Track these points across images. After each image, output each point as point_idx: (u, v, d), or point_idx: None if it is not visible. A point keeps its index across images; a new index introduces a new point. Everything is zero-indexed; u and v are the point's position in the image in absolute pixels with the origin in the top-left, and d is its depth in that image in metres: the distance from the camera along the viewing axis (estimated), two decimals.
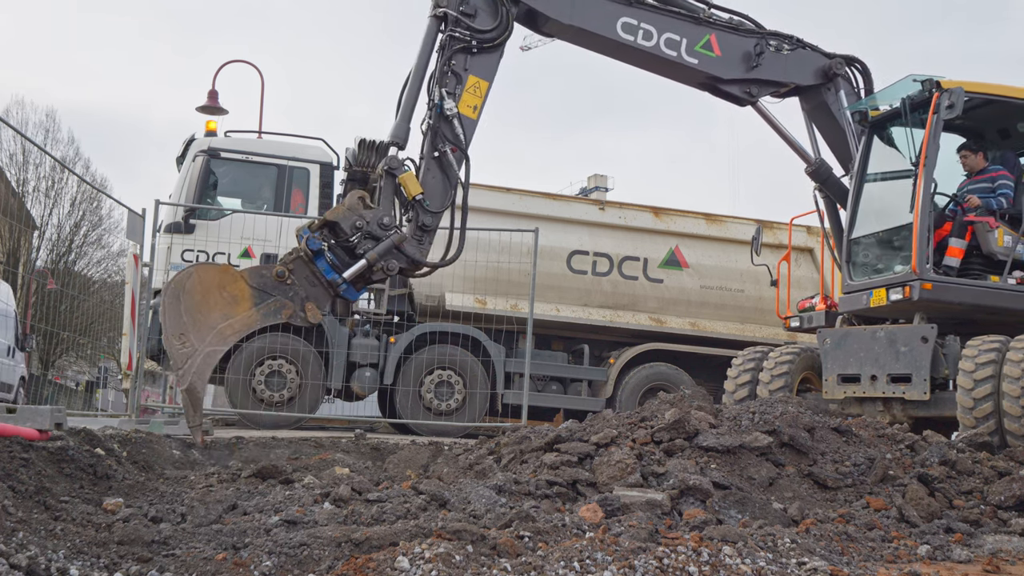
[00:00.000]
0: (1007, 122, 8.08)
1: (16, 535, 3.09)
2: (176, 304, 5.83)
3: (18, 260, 25.02)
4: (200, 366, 5.81)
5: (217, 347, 5.93)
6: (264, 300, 6.11)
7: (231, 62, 17.05)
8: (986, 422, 6.60)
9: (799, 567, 3.21)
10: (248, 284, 6.09)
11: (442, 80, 6.81)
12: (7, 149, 27.43)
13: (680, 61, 7.73)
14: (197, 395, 5.86)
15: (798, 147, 8.60)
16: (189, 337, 5.81)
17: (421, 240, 6.71)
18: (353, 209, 6.35)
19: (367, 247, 6.32)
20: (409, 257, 6.54)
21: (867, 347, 7.56)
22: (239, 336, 6.15)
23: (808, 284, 11.27)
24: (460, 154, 6.79)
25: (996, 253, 7.43)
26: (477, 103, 6.92)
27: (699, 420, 5.12)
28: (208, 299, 5.93)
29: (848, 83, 8.31)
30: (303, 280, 6.23)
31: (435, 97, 6.76)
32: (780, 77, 8.13)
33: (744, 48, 7.96)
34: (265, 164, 10.92)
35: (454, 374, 10.74)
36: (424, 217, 6.67)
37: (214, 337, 5.91)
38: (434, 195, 6.75)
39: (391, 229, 6.40)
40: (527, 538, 3.37)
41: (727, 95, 8.16)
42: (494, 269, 10.80)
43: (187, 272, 6.03)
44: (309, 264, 6.25)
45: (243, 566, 3.06)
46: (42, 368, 27.89)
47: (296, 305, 6.19)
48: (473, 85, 6.92)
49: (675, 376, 11.45)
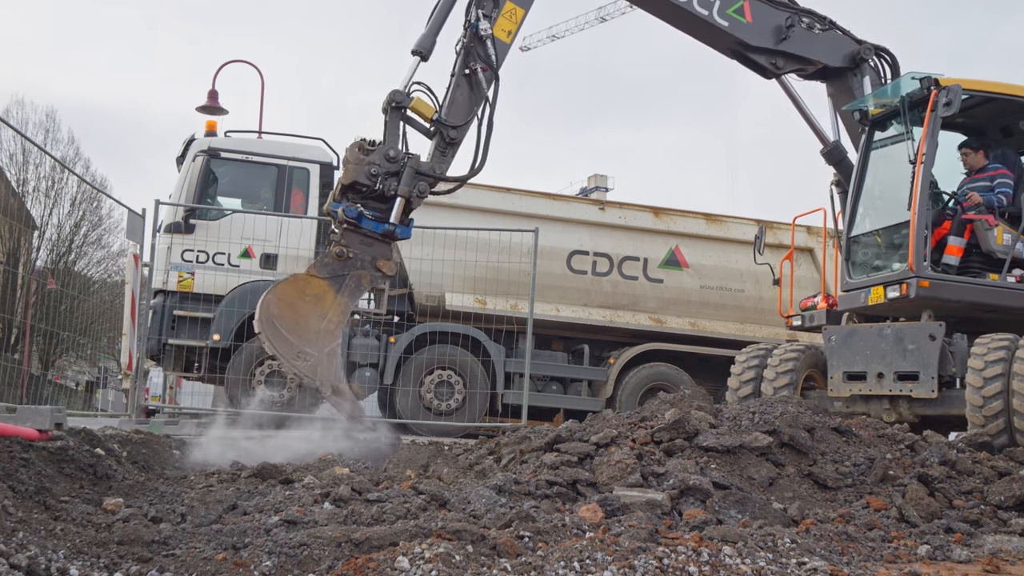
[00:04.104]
0: (1009, 120, 8.07)
1: (16, 535, 3.09)
2: (276, 332, 6.14)
3: (18, 260, 25.02)
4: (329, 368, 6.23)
5: (332, 344, 6.32)
6: (342, 283, 6.42)
7: (231, 62, 17.07)
8: (995, 420, 6.61)
9: (799, 567, 3.21)
10: (320, 278, 6.39)
11: (480, 2, 6.99)
12: (7, 149, 27.45)
13: (710, 20, 7.83)
14: (342, 391, 6.30)
15: (817, 127, 8.65)
16: (306, 351, 6.17)
17: (444, 153, 6.89)
18: (359, 162, 6.52)
19: (393, 185, 6.54)
20: (428, 174, 6.71)
21: (874, 345, 7.55)
22: (343, 324, 6.51)
23: (808, 284, 11.27)
24: (490, 73, 6.96)
25: (995, 251, 7.43)
26: (512, 28, 7.13)
27: (699, 420, 5.12)
28: (298, 311, 6.25)
29: (875, 73, 8.35)
30: (360, 246, 6.52)
31: (471, 17, 6.94)
32: (808, 54, 8.20)
33: (776, 20, 8.05)
34: (265, 164, 10.91)
35: (454, 374, 10.75)
36: (448, 132, 6.85)
37: (324, 338, 6.26)
38: (460, 109, 6.92)
39: (400, 159, 6.58)
40: (527, 538, 3.37)
41: (754, 64, 8.24)
42: (494, 269, 10.80)
43: (267, 300, 6.28)
44: (357, 230, 6.51)
45: (243, 566, 3.06)
46: (42, 368, 27.89)
47: (369, 270, 6.51)
48: (510, 11, 7.12)
49: (675, 376, 11.45)
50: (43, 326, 17.30)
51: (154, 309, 10.14)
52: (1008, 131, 8.23)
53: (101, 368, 28.15)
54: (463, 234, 10.54)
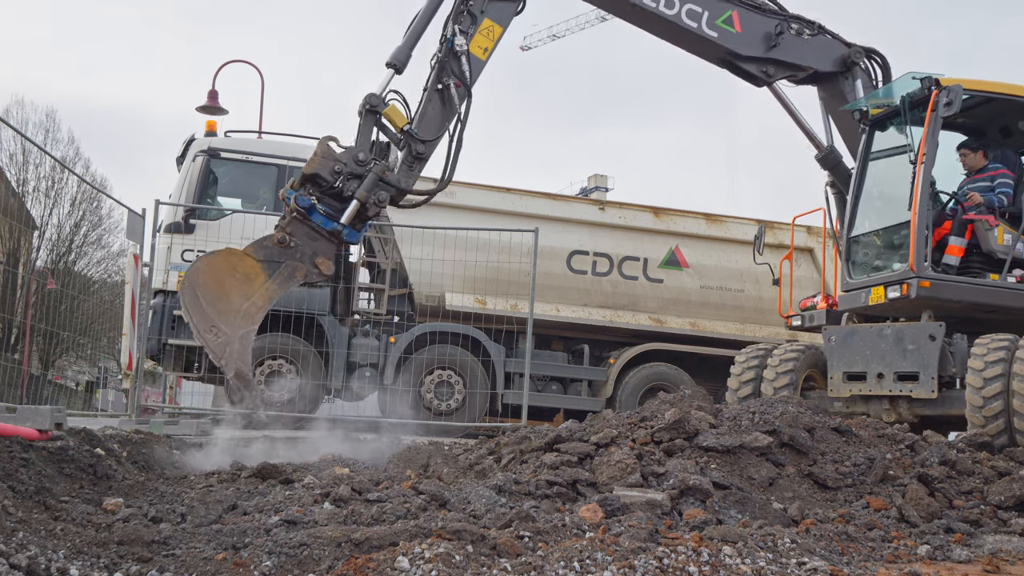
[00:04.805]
0: (1008, 120, 8.07)
1: (16, 535, 3.09)
2: (196, 301, 5.94)
3: (18, 260, 25.01)
4: (240, 351, 5.99)
5: (248, 327, 6.09)
6: (275, 269, 6.22)
7: (231, 62, 16.99)
8: (995, 421, 6.61)
9: (799, 567, 3.21)
10: (256, 259, 6.19)
11: (457, 18, 6.85)
12: (7, 149, 27.42)
13: (700, 33, 7.78)
14: (247, 378, 6.05)
15: (810, 132, 8.63)
16: (220, 327, 5.95)
17: (411, 167, 6.71)
18: (327, 156, 6.34)
19: (352, 187, 6.33)
20: (394, 185, 6.50)
21: (874, 345, 7.55)
22: (265, 311, 6.27)
23: (808, 284, 11.27)
24: (464, 90, 6.82)
25: (996, 251, 7.43)
26: (488, 46, 6.98)
27: (699, 420, 5.12)
28: (224, 286, 6.04)
29: (866, 75, 8.34)
30: (304, 238, 6.29)
31: (448, 32, 6.81)
32: (798, 60, 8.16)
33: (765, 28, 8.00)
34: (265, 164, 10.91)
35: (454, 374, 10.75)
36: (416, 146, 6.67)
37: (242, 319, 6.05)
38: (430, 124, 6.75)
39: (368, 164, 6.40)
40: (527, 538, 3.37)
41: (744, 73, 8.19)
42: (494, 269, 10.80)
43: (196, 268, 6.11)
44: (305, 222, 6.29)
45: (243, 566, 3.06)
46: (42, 368, 27.89)
47: (307, 264, 6.29)
48: (487, 28, 6.97)
49: (675, 376, 11.46)
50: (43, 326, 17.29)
51: (154, 309, 10.14)
52: (1007, 131, 8.23)
53: (101, 368, 28.15)
54: (463, 234, 10.54)
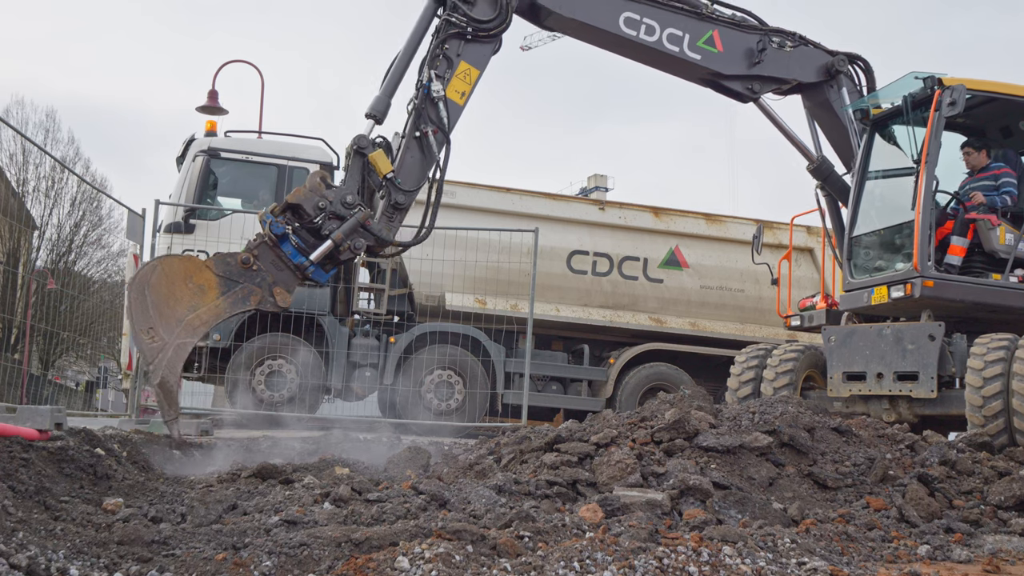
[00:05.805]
0: (1009, 120, 8.08)
1: (16, 535, 3.09)
2: (142, 299, 5.76)
3: (18, 260, 25.01)
4: (171, 360, 5.74)
5: (187, 339, 5.85)
6: (231, 288, 6.01)
7: (231, 62, 17.07)
8: (995, 420, 6.61)
9: (799, 567, 3.21)
10: (214, 273, 5.99)
11: (433, 63, 6.73)
12: (7, 149, 27.41)
13: (683, 57, 7.73)
14: (170, 389, 5.80)
15: (800, 144, 8.61)
16: (158, 331, 5.74)
17: (392, 218, 6.60)
18: (315, 190, 6.21)
19: (332, 227, 6.21)
20: (375, 235, 6.41)
21: (873, 345, 7.55)
22: (208, 327, 6.10)
23: (808, 284, 11.28)
24: (442, 136, 6.71)
25: (998, 251, 7.43)
26: (465, 90, 6.85)
27: (699, 420, 5.12)
28: (175, 291, 5.84)
29: (851, 81, 8.33)
30: (269, 265, 6.13)
31: (424, 78, 6.68)
32: (782, 74, 8.14)
33: (747, 44, 7.96)
34: (265, 164, 10.91)
35: (454, 374, 10.75)
36: (396, 195, 6.58)
37: (183, 330, 5.83)
38: (410, 174, 6.65)
39: (355, 207, 6.28)
40: (527, 538, 3.37)
41: (729, 91, 8.16)
42: (494, 269, 10.81)
43: (152, 265, 5.95)
44: (275, 248, 6.13)
45: (243, 566, 3.06)
46: (42, 368, 27.90)
47: (264, 291, 6.09)
48: (464, 71, 6.84)
49: (675, 376, 11.46)
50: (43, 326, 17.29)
51: None
52: (1008, 131, 8.23)
53: (101, 368, 28.18)
54: (463, 234, 10.54)
